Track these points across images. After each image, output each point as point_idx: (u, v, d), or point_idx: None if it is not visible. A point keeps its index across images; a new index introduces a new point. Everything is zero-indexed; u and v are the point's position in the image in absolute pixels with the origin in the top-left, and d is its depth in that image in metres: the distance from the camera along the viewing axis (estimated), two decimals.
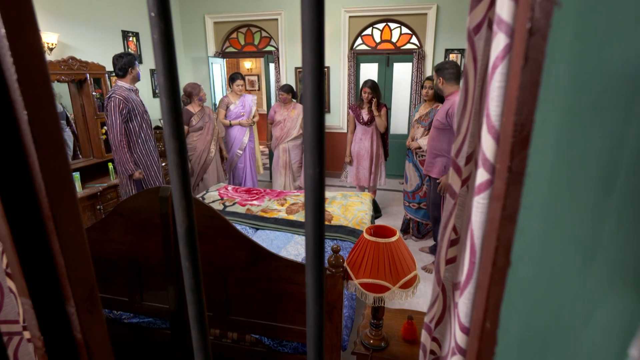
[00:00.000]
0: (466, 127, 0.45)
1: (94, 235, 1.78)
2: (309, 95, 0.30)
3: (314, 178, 0.32)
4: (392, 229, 1.54)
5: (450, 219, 0.49)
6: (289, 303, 1.62)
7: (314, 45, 0.29)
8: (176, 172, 0.36)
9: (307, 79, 0.30)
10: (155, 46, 0.32)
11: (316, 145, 0.32)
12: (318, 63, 0.30)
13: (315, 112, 0.31)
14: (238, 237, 1.59)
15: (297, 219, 2.89)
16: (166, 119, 0.34)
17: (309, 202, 0.34)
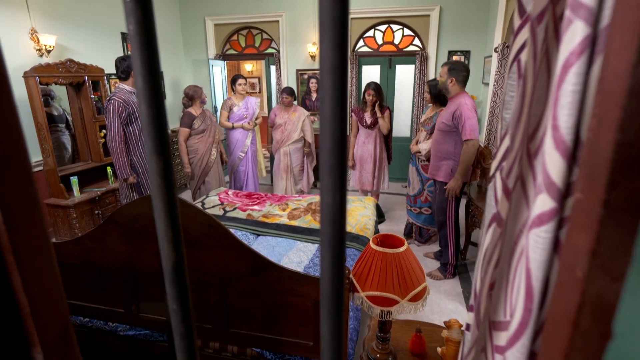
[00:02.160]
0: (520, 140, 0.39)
1: (88, 244, 1.71)
2: (328, 101, 0.23)
3: (333, 208, 0.26)
4: (399, 238, 1.47)
5: (494, 253, 0.42)
6: (292, 315, 1.55)
7: (335, 38, 0.22)
8: (160, 197, 0.29)
9: (326, 80, 0.23)
10: (131, 40, 0.26)
11: (336, 165, 0.25)
12: (340, 61, 0.23)
13: (336, 122, 0.24)
14: (238, 246, 1.52)
15: (299, 224, 2.82)
16: (147, 132, 0.27)
17: (327, 238, 0.27)
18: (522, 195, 0.35)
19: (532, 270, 0.31)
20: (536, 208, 0.31)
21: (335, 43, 0.22)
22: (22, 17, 3.49)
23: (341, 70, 0.23)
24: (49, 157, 3.50)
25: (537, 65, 0.32)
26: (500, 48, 3.70)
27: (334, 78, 0.23)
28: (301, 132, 4.33)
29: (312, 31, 5.35)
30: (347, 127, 0.24)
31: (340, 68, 0.23)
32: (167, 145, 0.28)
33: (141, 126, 0.28)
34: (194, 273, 1.61)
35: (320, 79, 0.23)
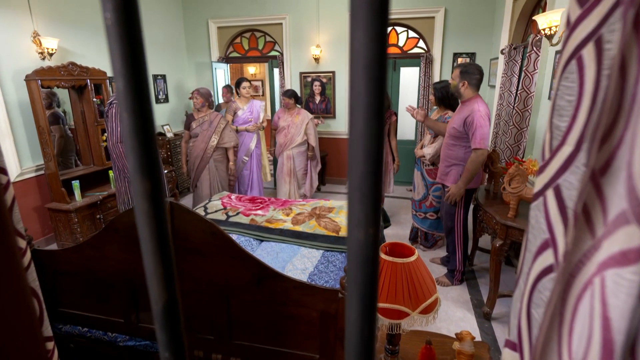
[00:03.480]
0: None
1: (88, 252, 1.66)
2: (361, 109, 0.18)
3: (365, 246, 0.20)
4: (409, 246, 1.41)
5: (547, 287, 0.35)
6: (297, 327, 1.49)
7: (372, 25, 0.17)
8: (147, 226, 0.23)
9: (360, 81, 0.17)
10: (108, 31, 0.20)
11: (370, 191, 0.19)
12: (379, 55, 0.18)
13: (372, 137, 0.18)
14: (242, 255, 1.46)
15: (304, 230, 2.76)
16: (130, 146, 0.22)
17: (355, 281, 0.21)
18: (583, 219, 0.30)
19: (613, 321, 0.25)
20: (617, 242, 0.26)
21: (372, 31, 0.17)
22: (24, 20, 3.47)
23: (379, 67, 0.17)
24: (50, 161, 3.47)
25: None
26: (507, 50, 3.64)
27: (370, 78, 0.17)
28: (304, 136, 4.28)
29: (316, 34, 5.31)
30: (384, 143, 0.19)
31: (379, 65, 0.17)
32: (156, 162, 0.23)
33: (122, 138, 0.22)
34: (195, 282, 1.56)
35: (351, 79, 0.18)
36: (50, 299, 1.77)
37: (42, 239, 3.80)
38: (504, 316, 2.61)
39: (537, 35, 2.82)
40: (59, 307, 1.79)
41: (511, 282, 2.99)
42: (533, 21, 3.58)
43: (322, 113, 5.60)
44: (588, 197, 0.29)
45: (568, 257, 0.30)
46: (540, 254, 0.38)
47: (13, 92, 3.42)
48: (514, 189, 2.35)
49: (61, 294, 1.77)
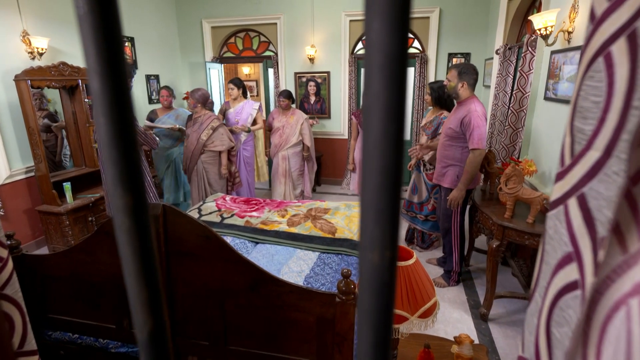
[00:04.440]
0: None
1: (78, 257, 1.62)
2: (378, 112, 0.15)
3: (380, 270, 0.17)
4: (407, 249, 1.39)
5: (571, 306, 0.32)
6: (294, 332, 1.46)
7: (392, 14, 0.14)
8: (130, 245, 0.21)
9: (377, 80, 0.15)
10: (81, 23, 0.18)
11: (388, 208, 0.17)
12: (400, 49, 0.15)
13: (390, 146, 0.16)
14: (237, 259, 1.43)
15: (299, 231, 2.74)
16: (108, 155, 0.19)
17: (368, 310, 0.18)
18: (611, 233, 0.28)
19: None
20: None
21: (392, 20, 0.14)
22: (13, 19, 3.40)
23: (399, 63, 0.15)
24: (41, 162, 3.40)
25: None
26: (501, 50, 3.64)
27: (389, 76, 0.15)
28: (300, 136, 4.25)
29: (311, 34, 5.29)
30: (404, 152, 0.16)
31: (399, 61, 0.15)
32: (138, 173, 0.20)
33: (98, 145, 0.19)
34: (190, 287, 1.52)
35: (367, 78, 0.15)
36: (39, 305, 1.73)
37: (33, 241, 3.73)
38: (501, 317, 2.60)
39: (532, 36, 2.82)
40: (48, 313, 1.74)
41: (508, 282, 2.99)
42: (528, 21, 3.58)
43: (317, 113, 5.58)
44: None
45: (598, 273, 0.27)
46: (562, 268, 0.35)
47: (2, 92, 3.35)
48: (510, 190, 2.34)
49: (50, 299, 1.72)
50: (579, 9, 2.23)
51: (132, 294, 0.22)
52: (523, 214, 2.45)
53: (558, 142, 2.47)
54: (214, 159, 3.79)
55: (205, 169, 3.78)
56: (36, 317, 1.74)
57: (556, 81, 2.55)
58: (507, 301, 2.75)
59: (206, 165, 3.77)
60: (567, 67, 2.36)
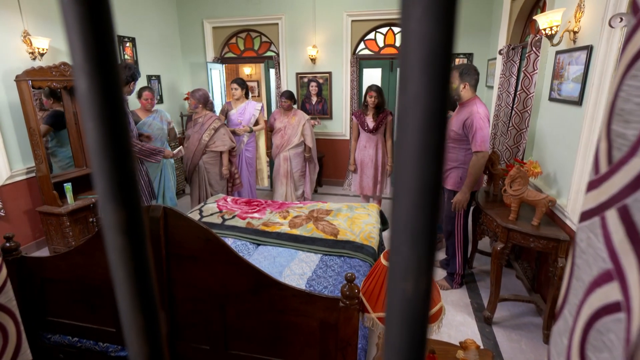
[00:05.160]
0: None
1: (77, 259, 1.60)
2: (417, 116, 0.13)
3: (414, 300, 0.15)
4: None
5: (612, 328, 0.29)
6: (296, 336, 1.43)
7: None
8: (124, 266, 0.18)
9: (416, 77, 0.12)
10: (65, 14, 0.15)
11: (424, 230, 0.14)
12: (444, 40, 0.13)
13: (430, 156, 0.13)
14: (238, 263, 1.41)
15: (301, 233, 2.71)
16: (98, 165, 0.17)
17: (398, 345, 0.16)
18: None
19: None
20: None
21: (438, 8, 0.12)
22: (14, 20, 3.39)
23: (444, 59, 0.12)
24: (41, 163, 3.38)
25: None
26: (505, 50, 3.61)
27: (431, 74, 0.12)
28: (301, 137, 4.22)
29: (312, 34, 5.26)
30: (444, 162, 0.14)
31: (443, 55, 0.12)
32: (133, 185, 0.18)
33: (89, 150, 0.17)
34: (190, 290, 1.50)
35: (402, 76, 0.13)
36: (39, 308, 1.70)
37: (33, 242, 3.71)
38: (505, 320, 2.58)
39: (537, 36, 2.79)
40: (47, 316, 1.72)
41: (512, 285, 2.96)
42: (532, 21, 3.55)
43: (319, 114, 5.55)
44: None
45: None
46: (599, 287, 0.33)
47: (3, 93, 3.34)
48: (515, 192, 2.31)
49: (50, 302, 1.70)
50: (585, 8, 2.20)
51: (126, 319, 0.19)
52: (527, 216, 2.42)
53: (563, 143, 2.44)
54: (215, 159, 3.77)
55: (206, 170, 3.76)
56: (35, 320, 1.72)
57: (561, 82, 2.52)
58: (511, 304, 2.72)
59: (207, 165, 3.75)
60: (572, 67, 2.34)
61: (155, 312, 0.19)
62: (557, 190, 2.49)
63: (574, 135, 2.25)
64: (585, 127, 2.11)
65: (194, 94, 3.71)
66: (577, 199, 2.16)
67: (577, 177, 2.17)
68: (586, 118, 2.10)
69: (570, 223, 2.23)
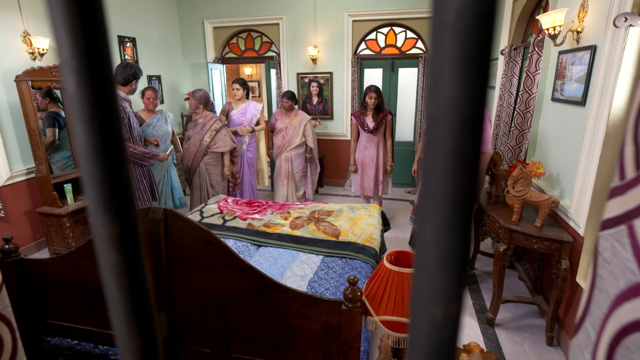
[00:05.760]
0: None
1: (77, 262, 1.58)
2: (453, 107, 0.11)
3: (441, 328, 0.13)
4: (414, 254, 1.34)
5: None
6: (298, 339, 1.42)
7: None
8: (118, 284, 0.17)
9: (452, 57, 0.11)
10: (50, 5, 0.14)
11: (457, 244, 0.13)
12: (486, 9, 0.11)
13: (466, 159, 0.12)
14: (239, 265, 1.39)
15: (302, 234, 2.69)
16: (88, 173, 0.15)
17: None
18: None
19: None
20: None
21: None
22: (14, 20, 3.37)
23: (484, 55, 0.11)
24: (41, 164, 3.37)
25: None
26: (506, 50, 3.60)
27: (469, 72, 0.11)
28: (303, 137, 4.20)
29: (313, 34, 5.25)
30: (479, 174, 0.12)
31: (484, 50, 0.11)
32: (129, 195, 0.16)
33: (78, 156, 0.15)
34: (191, 293, 1.49)
35: (434, 73, 0.11)
36: (38, 311, 1.69)
37: (34, 243, 3.70)
38: (508, 322, 2.56)
39: (539, 36, 2.77)
40: (47, 318, 1.70)
41: (514, 287, 2.94)
42: (534, 21, 3.53)
43: (320, 114, 5.54)
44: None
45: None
46: (628, 300, 0.31)
47: (3, 93, 3.33)
48: (518, 192, 2.30)
49: (49, 305, 1.69)
50: (588, 8, 2.18)
51: (120, 340, 0.18)
52: (530, 218, 2.40)
53: (566, 143, 2.42)
54: (216, 160, 3.76)
55: (207, 171, 3.74)
56: (35, 323, 1.71)
57: (564, 82, 2.50)
58: (513, 306, 2.70)
59: (209, 167, 3.74)
60: (575, 67, 2.32)
61: (152, 334, 0.18)
62: (560, 191, 2.47)
63: (578, 135, 2.23)
64: (588, 127, 2.10)
65: (195, 94, 3.69)
66: (581, 200, 2.15)
67: (581, 178, 2.15)
68: (590, 118, 2.08)
69: (574, 224, 2.21)
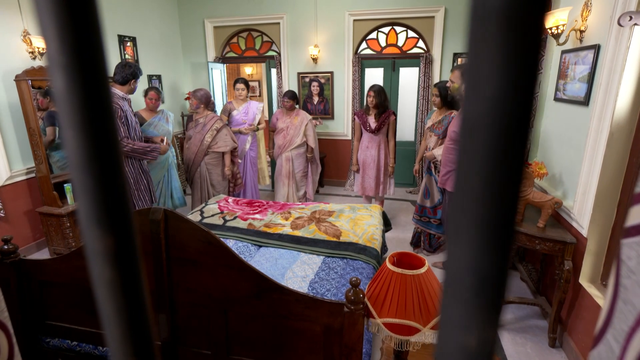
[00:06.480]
0: None
1: (77, 262, 1.57)
2: (495, 126, 0.10)
3: (478, 355, 0.12)
4: (418, 257, 1.33)
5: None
6: (300, 342, 1.40)
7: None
8: (113, 303, 0.15)
9: (506, 70, 0.09)
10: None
11: (495, 265, 0.11)
12: (537, 28, 0.09)
13: (510, 165, 0.10)
14: (240, 266, 1.38)
15: (303, 234, 2.68)
16: (79, 181, 0.14)
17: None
18: None
19: None
20: None
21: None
22: (14, 19, 3.36)
23: (534, 48, 0.09)
24: (41, 163, 3.36)
25: None
26: None
27: (516, 69, 0.09)
28: (304, 137, 4.19)
29: (314, 33, 5.23)
30: (521, 188, 0.11)
31: (534, 42, 0.09)
32: (125, 205, 0.15)
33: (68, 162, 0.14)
34: (192, 294, 1.47)
35: (471, 71, 0.10)
36: (37, 311, 1.68)
37: (34, 243, 3.69)
38: (510, 323, 2.54)
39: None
40: (46, 319, 1.69)
41: (516, 287, 2.92)
42: None
43: (321, 114, 5.52)
44: None
45: None
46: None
47: (3, 92, 3.31)
48: (520, 193, 2.28)
49: (49, 305, 1.67)
50: (592, 6, 2.16)
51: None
52: (533, 218, 2.39)
53: (569, 144, 2.40)
54: (217, 160, 3.74)
55: (208, 170, 3.73)
56: (34, 324, 1.69)
57: (566, 81, 2.48)
58: (515, 307, 2.69)
59: (209, 166, 3.73)
60: (578, 67, 2.30)
61: (151, 356, 0.16)
62: (563, 192, 2.45)
63: (581, 135, 2.22)
64: (592, 127, 2.08)
65: (196, 93, 3.68)
66: (584, 200, 2.13)
67: (584, 178, 2.13)
68: (593, 118, 2.07)
69: (577, 225, 2.20)
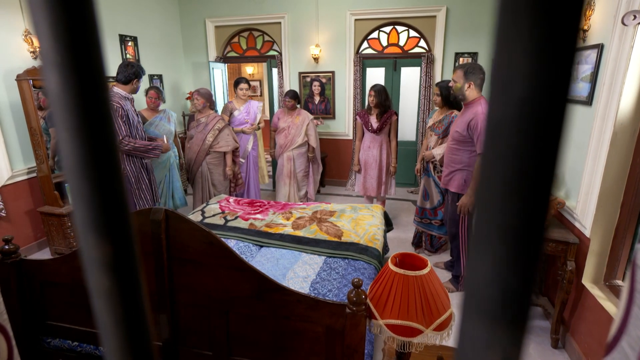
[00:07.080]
0: None
1: (78, 263, 1.56)
2: (526, 131, 0.09)
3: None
4: (421, 257, 1.32)
5: None
6: (301, 343, 1.40)
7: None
8: (111, 315, 0.14)
9: (540, 71, 0.08)
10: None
11: (524, 283, 0.10)
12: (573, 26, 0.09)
13: (539, 190, 0.09)
14: (242, 267, 1.37)
15: (305, 234, 2.67)
16: (75, 187, 0.13)
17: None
18: None
19: None
20: None
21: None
22: (15, 18, 3.36)
23: (570, 44, 0.08)
24: (42, 163, 3.36)
25: None
26: None
27: (550, 67, 0.08)
28: (305, 137, 4.18)
29: (315, 33, 5.22)
30: (551, 197, 0.10)
31: (571, 37, 0.08)
32: (123, 211, 0.14)
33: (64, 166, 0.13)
34: (193, 295, 1.47)
35: (498, 68, 0.09)
36: (38, 312, 1.67)
37: (35, 243, 3.69)
38: None
39: None
40: (47, 320, 1.69)
41: None
42: None
43: (322, 114, 5.51)
44: None
45: None
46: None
47: (4, 92, 3.31)
48: None
49: (50, 306, 1.67)
50: (595, 5, 2.15)
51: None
52: None
53: (572, 143, 2.39)
54: (218, 160, 3.74)
55: (210, 170, 3.73)
56: (35, 324, 1.69)
57: None
58: None
59: (211, 166, 3.72)
60: (582, 66, 2.29)
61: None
62: (566, 192, 2.44)
63: (584, 135, 2.20)
64: (595, 127, 2.07)
65: (201, 92, 3.68)
66: (587, 201, 2.12)
67: (587, 178, 2.12)
68: (596, 118, 2.05)
69: (580, 225, 2.18)
